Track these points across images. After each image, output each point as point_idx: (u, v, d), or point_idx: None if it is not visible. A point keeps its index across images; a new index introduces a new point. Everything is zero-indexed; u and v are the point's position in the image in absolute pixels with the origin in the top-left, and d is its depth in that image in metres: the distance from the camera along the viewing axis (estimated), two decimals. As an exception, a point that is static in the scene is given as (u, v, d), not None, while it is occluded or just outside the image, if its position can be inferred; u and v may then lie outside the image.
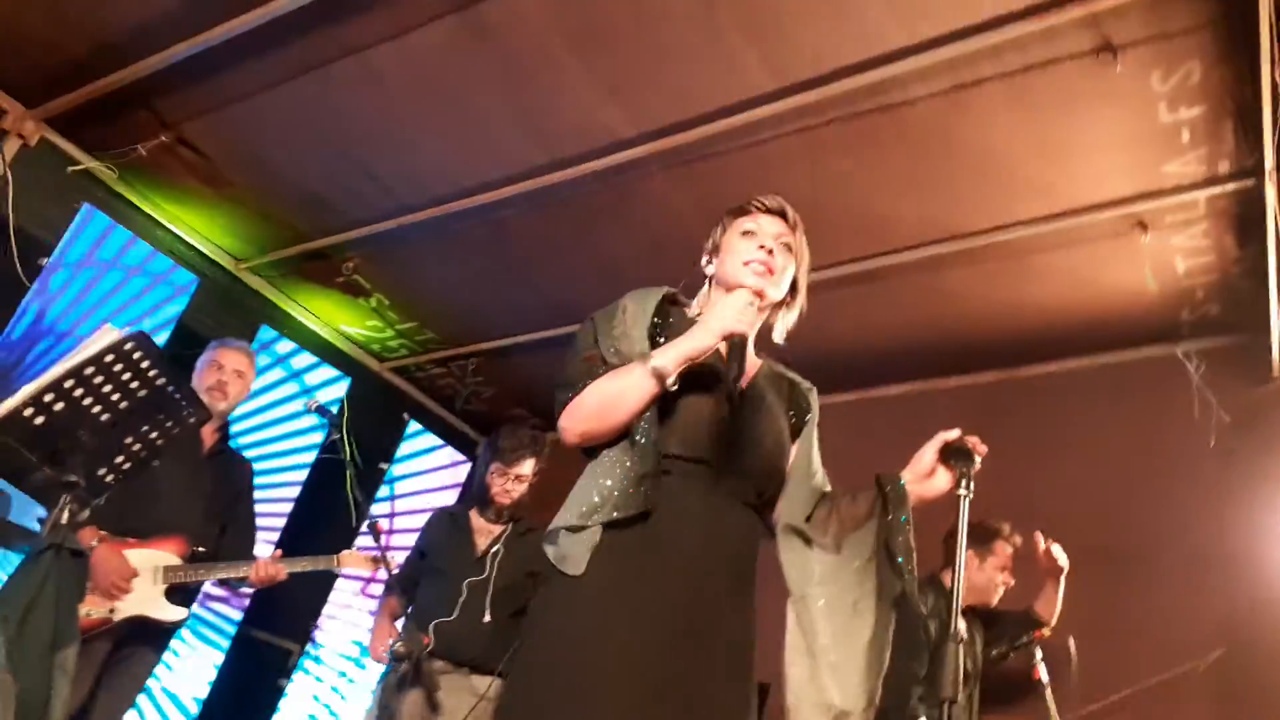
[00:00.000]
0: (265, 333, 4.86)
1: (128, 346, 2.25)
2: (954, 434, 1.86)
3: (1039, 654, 3.19)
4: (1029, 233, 3.65)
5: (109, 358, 2.23)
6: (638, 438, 1.77)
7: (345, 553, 3.47)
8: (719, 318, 1.81)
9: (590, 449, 1.86)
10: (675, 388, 1.79)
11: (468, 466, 5.87)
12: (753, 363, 2.03)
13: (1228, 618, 3.62)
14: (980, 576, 3.49)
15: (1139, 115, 3.13)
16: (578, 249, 4.23)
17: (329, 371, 5.17)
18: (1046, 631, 3.30)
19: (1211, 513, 3.79)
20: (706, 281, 2.06)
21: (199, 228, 4.55)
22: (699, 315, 1.98)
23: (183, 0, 3.33)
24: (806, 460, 1.98)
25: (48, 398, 2.18)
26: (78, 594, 3.07)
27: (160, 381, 2.38)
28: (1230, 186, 3.32)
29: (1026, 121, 3.23)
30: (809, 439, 2.01)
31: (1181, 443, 3.92)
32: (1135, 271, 3.73)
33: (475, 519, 3.72)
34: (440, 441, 5.80)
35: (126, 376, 2.29)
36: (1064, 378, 4.35)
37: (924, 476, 1.87)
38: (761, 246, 1.94)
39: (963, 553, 1.76)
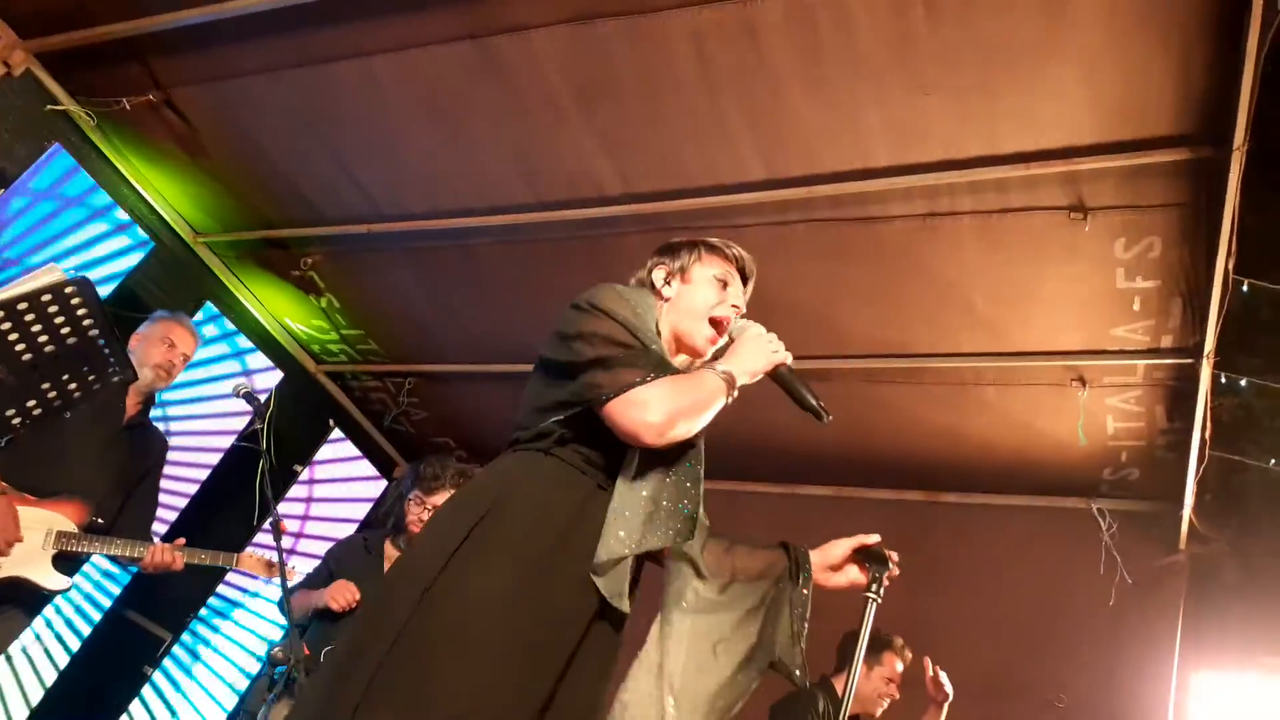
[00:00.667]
0: (209, 310, 4.77)
1: (68, 290, 2.18)
2: (874, 539, 1.91)
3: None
4: (973, 365, 3.77)
5: (45, 297, 2.16)
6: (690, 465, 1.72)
7: (246, 553, 3.36)
8: (764, 345, 1.86)
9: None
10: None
11: (381, 485, 5.77)
12: None
13: None
14: (867, 686, 3.51)
15: (1098, 276, 3.27)
16: (542, 291, 4.22)
17: (263, 361, 5.08)
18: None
19: (1100, 670, 3.86)
20: (660, 300, 1.97)
21: (164, 192, 4.47)
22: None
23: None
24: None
25: (-25, 328, 2.10)
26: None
27: (93, 333, 2.31)
28: (1169, 361, 3.47)
29: (992, 260, 3.35)
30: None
31: (1084, 594, 4.01)
32: (1068, 422, 3.85)
33: (389, 548, 3.65)
34: (359, 454, 5.70)
35: (59, 320, 2.22)
36: (984, 511, 4.44)
37: (829, 568, 1.91)
38: (734, 306, 1.95)
39: (859, 657, 1.78)
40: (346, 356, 5.29)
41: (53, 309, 2.20)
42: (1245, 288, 3.16)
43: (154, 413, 3.61)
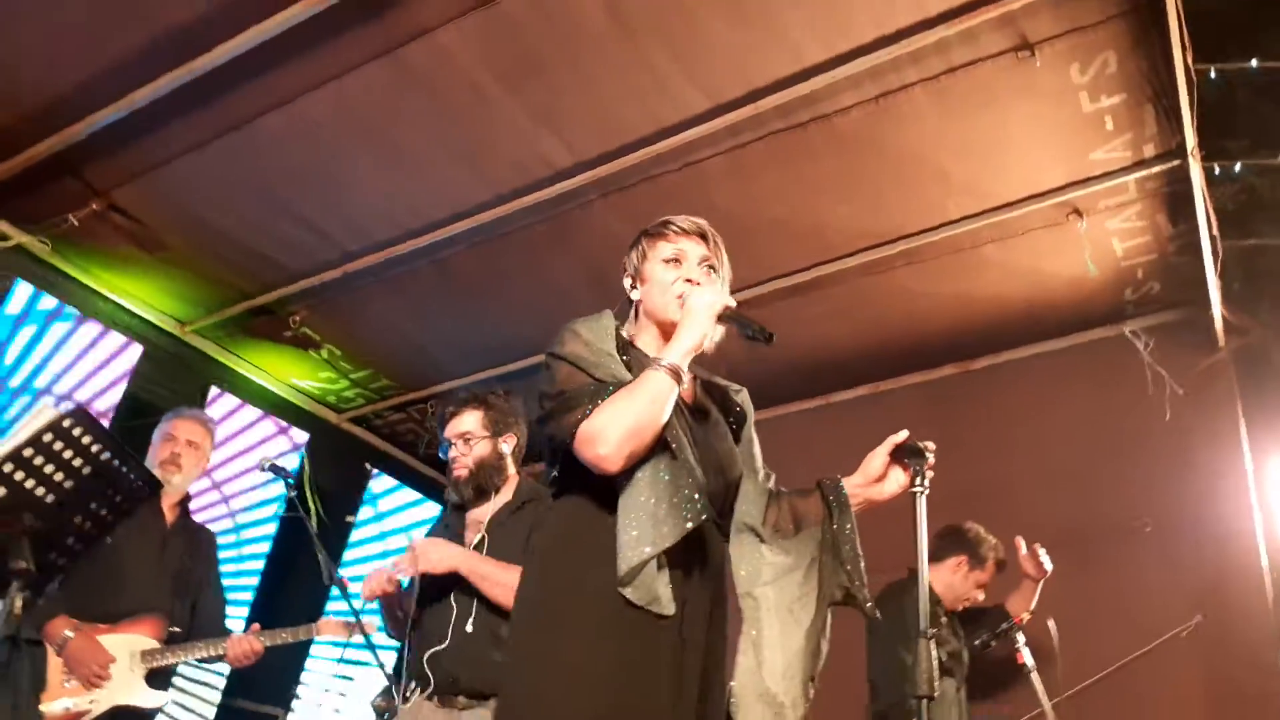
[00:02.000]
0: (217, 394, 4.79)
1: (66, 424, 2.19)
2: (902, 435, 1.89)
3: (1021, 639, 3.20)
4: (965, 229, 3.72)
5: (48, 437, 2.17)
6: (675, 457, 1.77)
7: (322, 620, 3.39)
8: (701, 309, 1.83)
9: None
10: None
11: (438, 514, 5.82)
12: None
13: (1201, 584, 3.67)
14: (964, 585, 3.48)
15: (1062, 107, 3.20)
16: (524, 282, 4.22)
17: (287, 427, 5.10)
18: (1026, 616, 3.33)
19: (1174, 484, 3.84)
20: (633, 307, 2.05)
21: (139, 294, 4.47)
22: (634, 345, 1.98)
23: (103, 65, 3.28)
24: (752, 461, 2.01)
25: (-13, 484, 2.12)
26: (38, 684, 3.01)
27: (104, 456, 2.32)
28: (1157, 168, 3.40)
29: (953, 122, 3.29)
30: (750, 441, 2.03)
31: (1138, 419, 3.98)
32: (1075, 257, 3.80)
33: (468, 517, 3.16)
34: (407, 488, 5.75)
35: (69, 454, 2.23)
36: (1017, 366, 4.40)
37: (874, 480, 1.91)
38: (688, 280, 1.95)
39: (924, 546, 1.78)
40: (364, 399, 5.31)
41: (58, 445, 2.21)
42: (1212, 74, 3.08)
43: (209, 501, 3.62)
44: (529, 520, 2.70)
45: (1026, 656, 3.13)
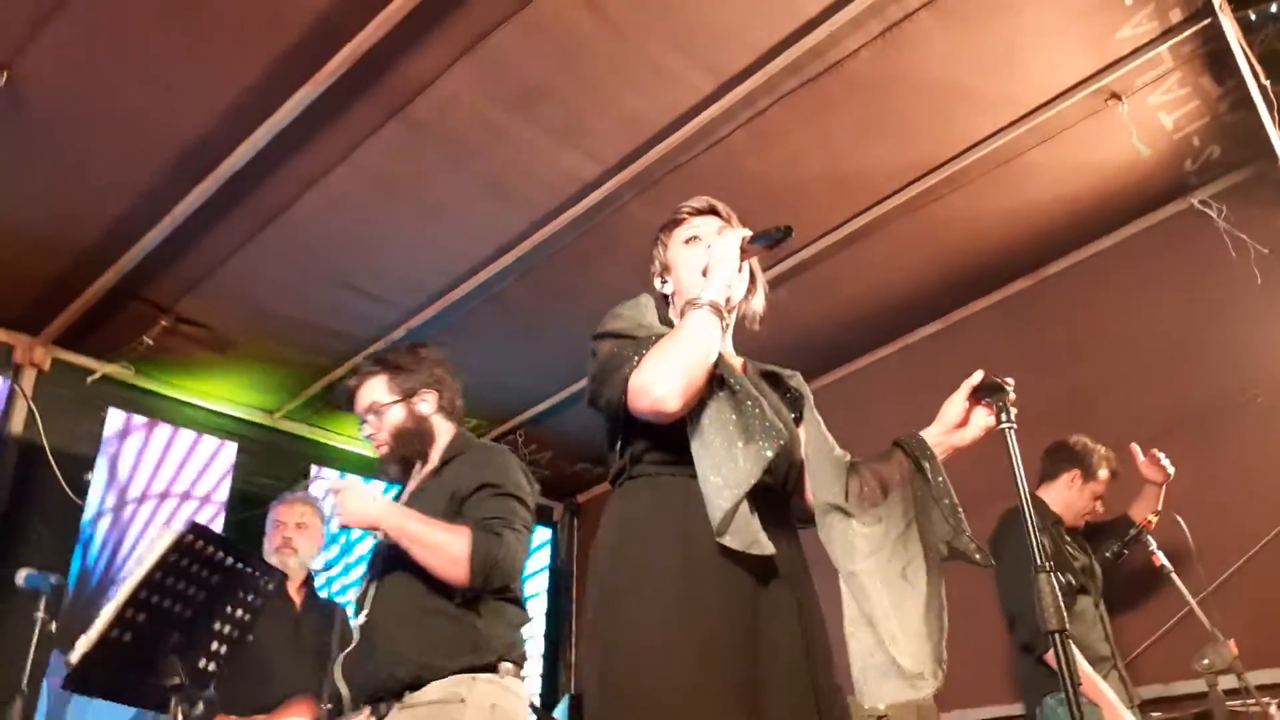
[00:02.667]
0: (318, 471, 4.93)
1: (187, 540, 2.30)
2: (977, 377, 1.85)
3: (1152, 543, 3.10)
4: (1003, 141, 3.61)
5: (173, 557, 2.27)
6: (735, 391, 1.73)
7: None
8: (723, 249, 1.82)
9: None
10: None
11: (548, 535, 5.91)
12: (737, 361, 1.98)
13: None
14: (1081, 500, 3.40)
15: (1074, -7, 3.09)
16: (579, 296, 4.24)
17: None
18: (1153, 519, 3.21)
19: (1277, 348, 3.69)
20: (666, 301, 2.05)
21: (224, 394, 4.64)
22: (669, 321, 1.96)
23: (138, 192, 3.42)
24: (821, 438, 1.95)
25: (129, 614, 2.22)
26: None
27: (229, 562, 2.43)
28: (1188, 31, 3.26)
29: (965, 38, 3.20)
30: (815, 420, 1.98)
31: (1226, 290, 3.83)
32: (1123, 142, 3.67)
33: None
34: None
35: (195, 569, 2.34)
36: (1089, 264, 4.28)
37: (956, 426, 1.87)
38: (710, 247, 1.92)
39: (1023, 481, 1.72)
40: (454, 442, 5.40)
41: (185, 562, 2.32)
42: (1224, -79, 2.95)
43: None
44: (450, 482, 2.45)
45: (1162, 558, 3.02)
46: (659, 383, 1.66)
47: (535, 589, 5.80)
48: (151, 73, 3.00)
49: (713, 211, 2.03)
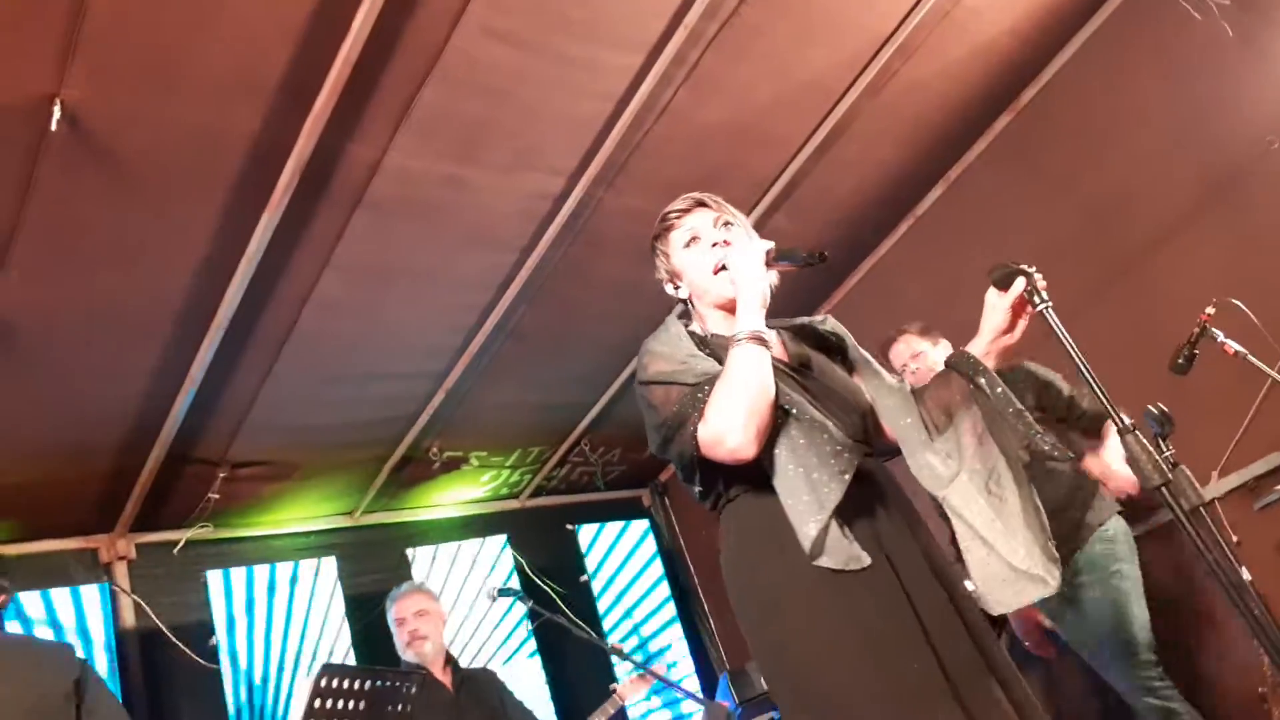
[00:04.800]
0: (414, 553, 5.02)
1: (323, 683, 2.37)
2: (999, 285, 1.83)
3: (1219, 334, 2.98)
4: (930, 3, 3.54)
5: (318, 702, 2.35)
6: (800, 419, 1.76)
7: (618, 687, 3.54)
8: (748, 268, 1.83)
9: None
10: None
11: (646, 525, 5.97)
12: (775, 342, 1.96)
13: None
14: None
15: None
16: (589, 300, 4.26)
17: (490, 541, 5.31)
18: (1211, 310, 3.06)
19: (1271, 89, 3.57)
20: (684, 306, 2.05)
21: (304, 513, 4.73)
22: (711, 335, 1.96)
23: (150, 368, 3.49)
24: (878, 377, 1.97)
25: (301, 769, 2.30)
26: None
27: (369, 685, 2.51)
28: None
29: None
30: (864, 361, 2.00)
31: (1204, 52, 3.69)
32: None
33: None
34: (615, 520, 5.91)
35: (342, 704, 2.41)
36: (1062, 78, 4.17)
37: (1004, 332, 1.85)
38: (714, 245, 1.94)
39: (1076, 352, 1.70)
40: (529, 473, 5.47)
41: (329, 702, 2.39)
42: None
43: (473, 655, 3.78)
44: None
45: (1233, 345, 2.93)
46: (730, 433, 1.69)
47: (653, 577, 5.86)
48: (117, 257, 3.04)
49: (700, 205, 2.02)
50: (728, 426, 1.68)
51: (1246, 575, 1.71)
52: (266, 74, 2.67)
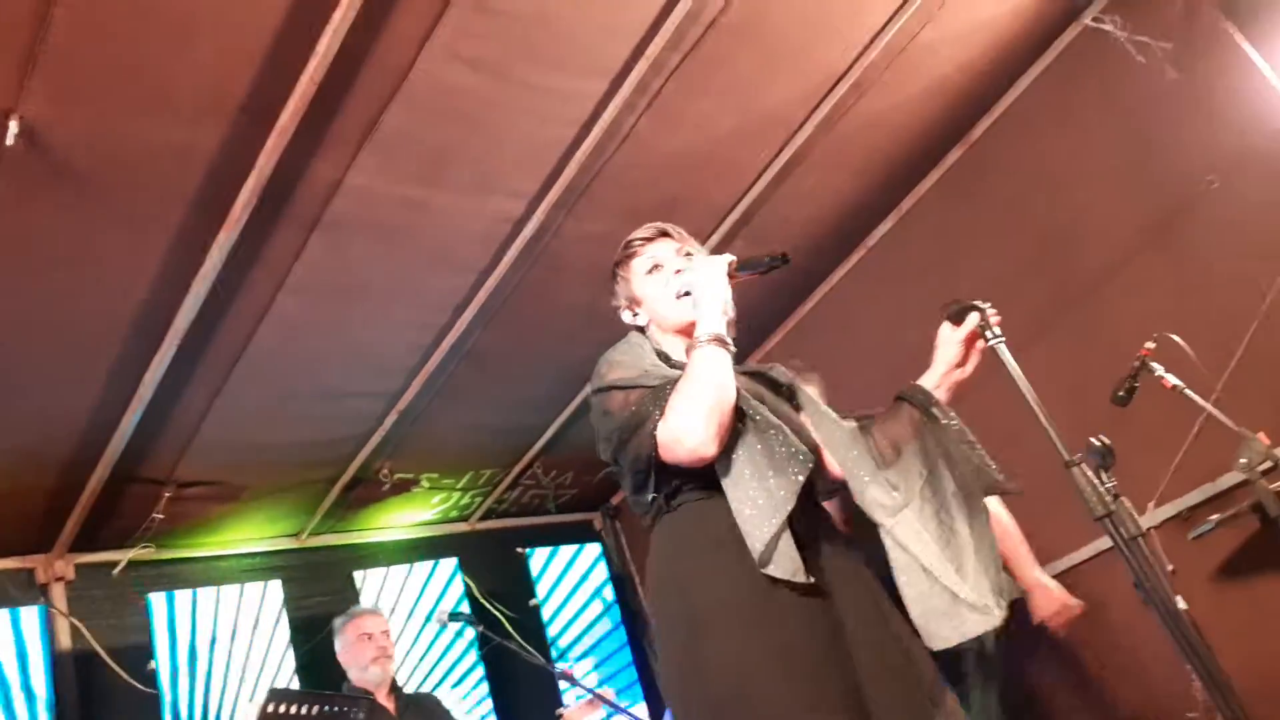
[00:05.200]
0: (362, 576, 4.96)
1: (270, 709, 2.34)
2: (953, 319, 1.88)
3: (1158, 368, 3.07)
4: (892, 33, 3.62)
5: (270, 728, 2.31)
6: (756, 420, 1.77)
7: (566, 711, 3.54)
8: (708, 275, 1.86)
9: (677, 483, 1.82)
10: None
11: (598, 549, 5.96)
12: None
13: None
14: None
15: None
16: (546, 325, 4.27)
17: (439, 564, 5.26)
18: (1151, 345, 3.15)
19: (1209, 130, 3.69)
20: (642, 332, 2.06)
21: (250, 534, 4.64)
22: (665, 355, 1.97)
23: (98, 383, 3.42)
24: (825, 416, 2.00)
25: (248, 796, 2.26)
26: None
27: (316, 710, 2.48)
28: None
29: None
30: (811, 402, 2.03)
31: (1146, 93, 3.82)
32: (1003, -6, 3.69)
33: None
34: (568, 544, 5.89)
35: (292, 730, 2.38)
36: (1012, 115, 4.28)
37: (957, 365, 1.90)
38: (676, 272, 1.98)
39: (1028, 388, 1.75)
40: (480, 496, 5.44)
41: (280, 729, 2.35)
42: None
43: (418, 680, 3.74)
44: None
45: (1170, 378, 3.02)
46: (691, 432, 1.69)
47: (605, 601, 5.85)
48: (70, 269, 2.98)
49: (664, 235, 2.05)
50: (689, 426, 1.69)
51: (1182, 604, 1.76)
52: (230, 92, 2.65)
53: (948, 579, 1.75)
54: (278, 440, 4.16)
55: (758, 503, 1.67)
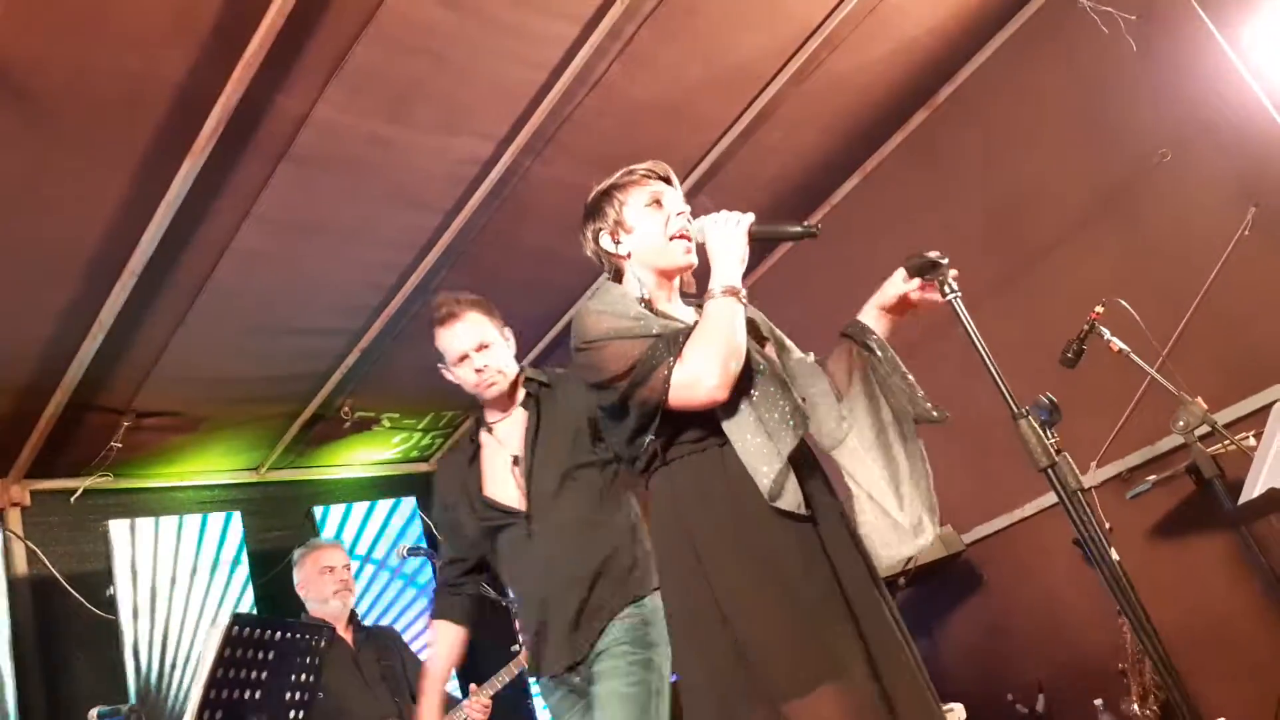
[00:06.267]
0: (325, 512, 5.00)
1: (234, 631, 2.38)
2: (910, 267, 1.96)
3: (1105, 331, 3.15)
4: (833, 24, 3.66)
5: (228, 651, 2.36)
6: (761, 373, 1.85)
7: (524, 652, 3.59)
8: (728, 227, 1.90)
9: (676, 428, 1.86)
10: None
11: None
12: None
13: (1240, 177, 3.54)
14: None
15: None
16: (511, 268, 4.28)
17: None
18: (1100, 309, 3.20)
19: (1169, 104, 3.76)
20: (618, 268, 2.05)
21: (210, 466, 4.66)
22: (646, 301, 1.98)
23: (59, 308, 3.40)
24: (790, 352, 2.10)
25: (207, 714, 2.32)
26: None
27: (279, 635, 2.52)
28: None
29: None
30: (778, 339, 2.11)
31: (1108, 64, 3.87)
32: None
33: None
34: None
35: (251, 654, 2.43)
36: (976, 80, 4.32)
37: (893, 310, 2.01)
38: (679, 214, 1.99)
39: (981, 343, 1.82)
40: (440, 438, 5.48)
41: (239, 652, 2.42)
42: None
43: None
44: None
45: (1117, 343, 3.10)
46: (708, 375, 1.76)
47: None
48: (32, 195, 2.96)
49: (668, 180, 2.06)
50: (707, 369, 1.75)
51: (1115, 556, 1.85)
52: (198, 20, 2.62)
53: (889, 504, 1.88)
54: (238, 374, 4.16)
55: (761, 442, 1.76)
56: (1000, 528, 4.08)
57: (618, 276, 2.05)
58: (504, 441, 2.66)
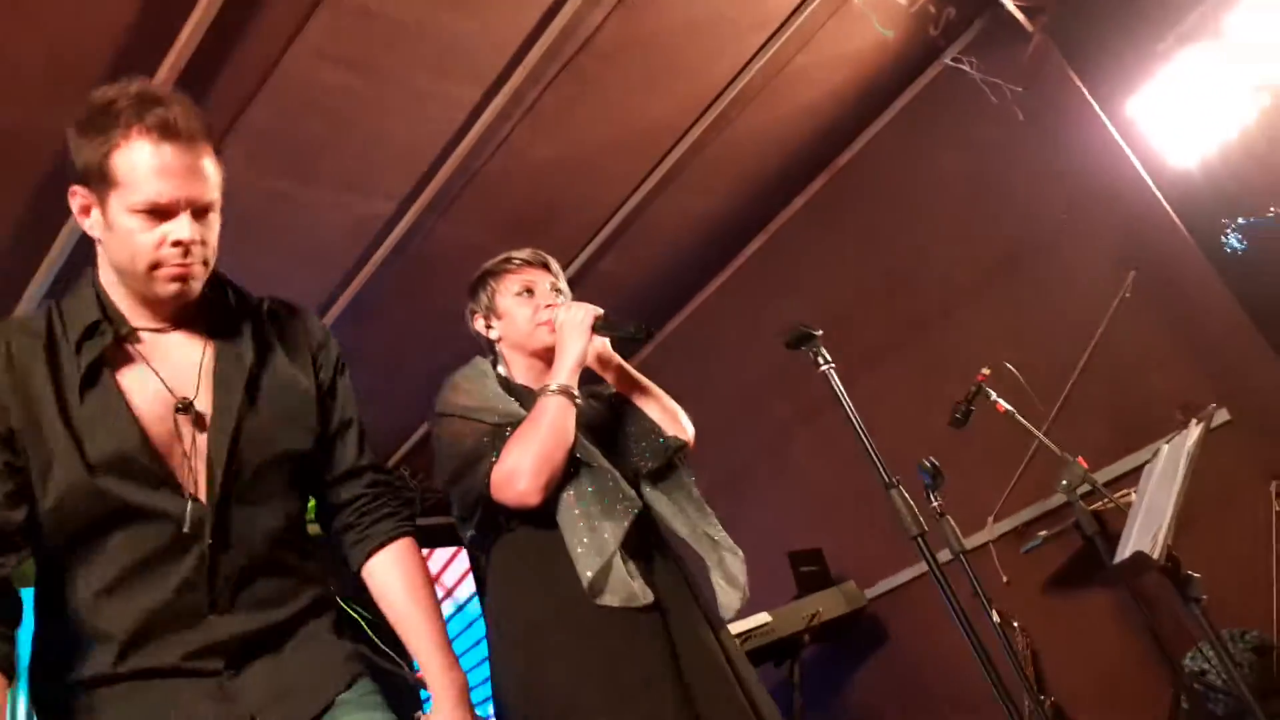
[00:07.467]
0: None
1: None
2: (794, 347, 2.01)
3: (992, 393, 3.21)
4: (769, 55, 3.74)
5: None
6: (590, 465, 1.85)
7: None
8: (574, 326, 1.94)
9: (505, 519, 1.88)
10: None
11: (461, 551, 5.93)
12: None
13: (1130, 241, 3.72)
14: None
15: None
16: (415, 325, 4.24)
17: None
18: (986, 371, 3.25)
19: (1068, 161, 3.89)
20: (493, 347, 2.11)
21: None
22: (517, 382, 2.03)
23: None
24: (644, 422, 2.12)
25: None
26: None
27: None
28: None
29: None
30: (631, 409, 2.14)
31: (999, 132, 4.01)
32: (869, 29, 3.85)
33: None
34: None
35: None
36: (873, 147, 4.46)
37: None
38: (548, 305, 2.03)
39: (855, 414, 1.85)
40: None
41: None
42: None
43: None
44: None
45: (1004, 405, 3.18)
46: (522, 477, 1.77)
47: (469, 610, 5.82)
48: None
49: (544, 265, 2.10)
50: (522, 471, 1.77)
51: (996, 618, 1.89)
52: (84, 77, 2.56)
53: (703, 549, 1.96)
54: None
55: (584, 541, 1.77)
56: (903, 581, 4.14)
57: (493, 353, 2.11)
58: None
